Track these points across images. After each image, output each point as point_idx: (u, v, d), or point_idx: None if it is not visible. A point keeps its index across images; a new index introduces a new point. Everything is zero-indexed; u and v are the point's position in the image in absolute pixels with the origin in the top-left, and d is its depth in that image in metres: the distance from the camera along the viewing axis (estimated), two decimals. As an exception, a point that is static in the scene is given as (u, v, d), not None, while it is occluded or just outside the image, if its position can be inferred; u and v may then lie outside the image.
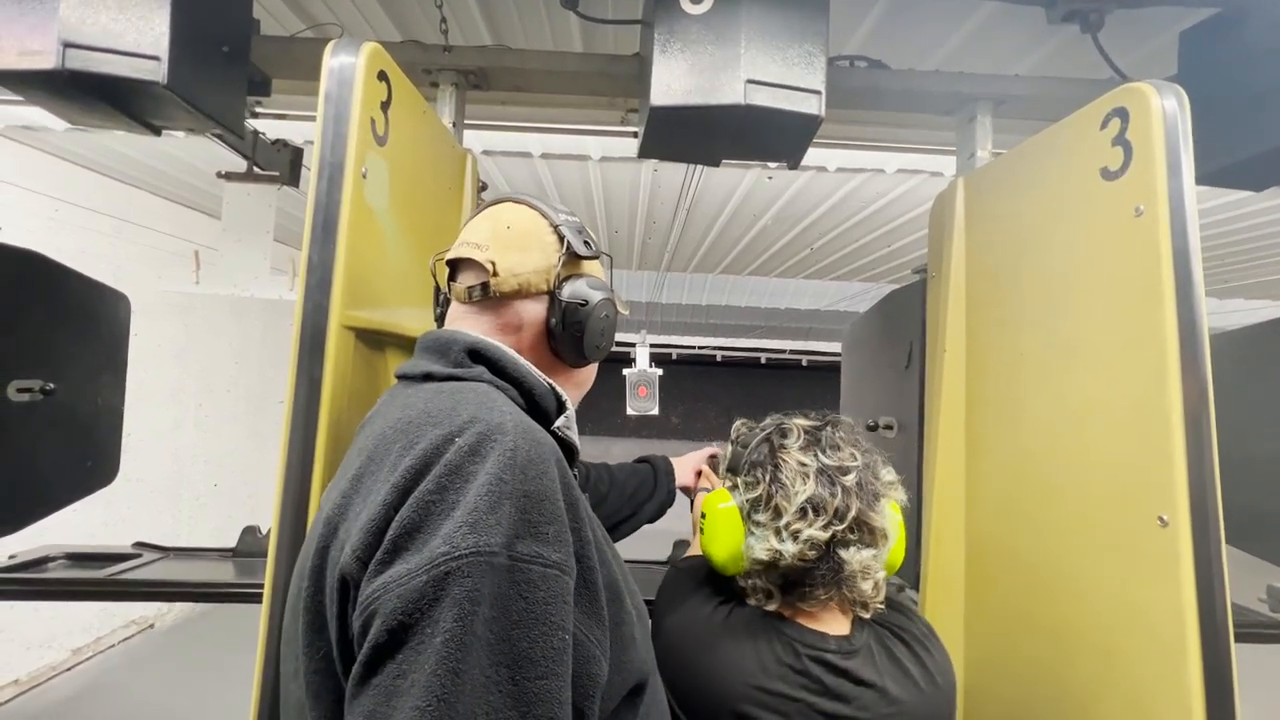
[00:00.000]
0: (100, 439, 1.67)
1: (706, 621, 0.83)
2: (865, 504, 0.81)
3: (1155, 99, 0.90)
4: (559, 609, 0.53)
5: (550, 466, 0.58)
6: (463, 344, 0.70)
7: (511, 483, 0.54)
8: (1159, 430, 0.86)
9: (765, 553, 0.80)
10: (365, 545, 0.53)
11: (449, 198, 1.30)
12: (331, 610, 0.55)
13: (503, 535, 0.52)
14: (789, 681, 0.77)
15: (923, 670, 0.81)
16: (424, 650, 0.48)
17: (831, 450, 0.84)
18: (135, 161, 3.22)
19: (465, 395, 0.63)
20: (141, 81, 1.09)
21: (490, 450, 0.56)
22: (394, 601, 0.49)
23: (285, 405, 0.83)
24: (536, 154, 2.75)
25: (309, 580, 0.58)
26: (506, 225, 0.76)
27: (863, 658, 0.80)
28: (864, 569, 0.80)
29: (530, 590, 0.52)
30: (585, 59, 1.44)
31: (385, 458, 0.59)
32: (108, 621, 3.68)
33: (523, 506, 0.54)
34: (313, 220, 0.85)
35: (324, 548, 0.58)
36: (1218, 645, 0.81)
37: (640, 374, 5.68)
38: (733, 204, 3.32)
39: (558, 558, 0.54)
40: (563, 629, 0.53)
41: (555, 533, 0.55)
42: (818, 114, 1.14)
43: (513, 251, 0.74)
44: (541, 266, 0.75)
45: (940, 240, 1.38)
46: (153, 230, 3.82)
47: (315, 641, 0.57)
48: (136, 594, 1.57)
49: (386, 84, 0.96)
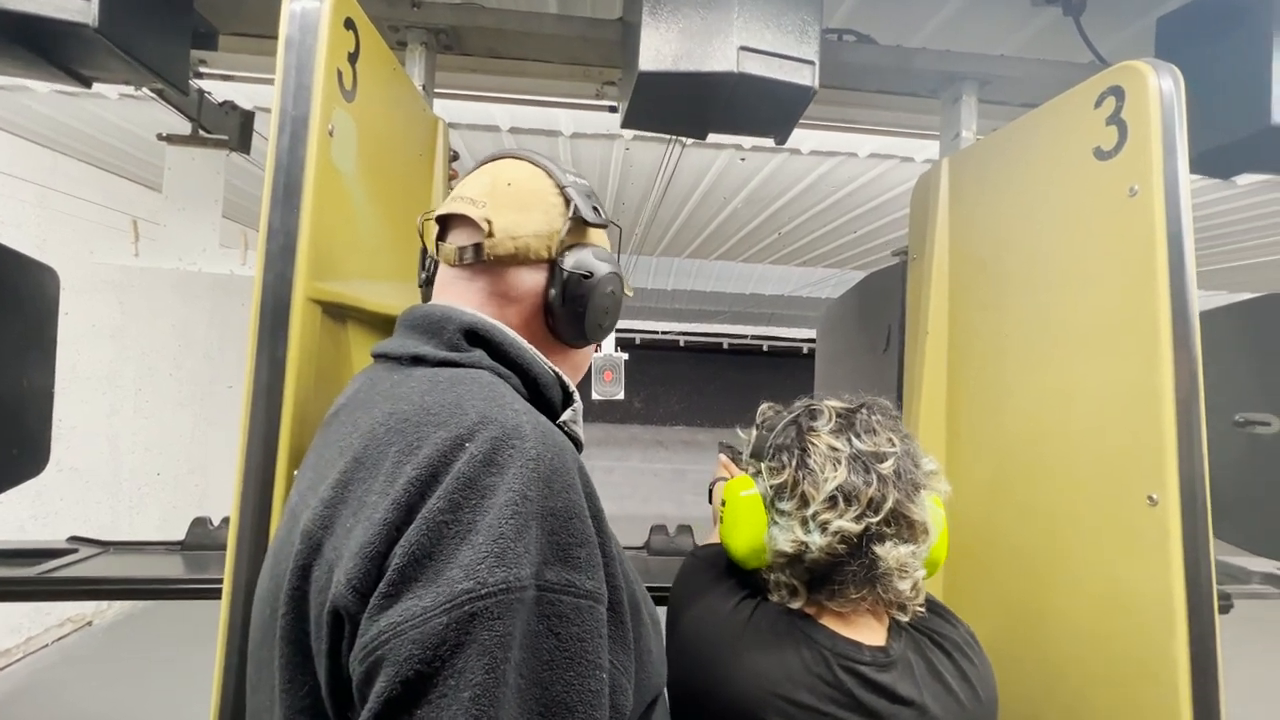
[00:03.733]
0: (27, 424, 1.52)
1: (728, 619, 0.77)
2: (904, 495, 0.73)
3: (1152, 78, 0.89)
4: (594, 645, 0.47)
5: (575, 477, 0.51)
6: (458, 323, 0.62)
7: (537, 500, 0.48)
8: (1150, 410, 0.86)
9: (789, 544, 0.74)
10: (363, 573, 0.45)
11: (419, 165, 1.22)
12: (320, 646, 0.47)
13: (531, 564, 0.45)
14: (817, 693, 0.70)
15: (964, 683, 0.75)
16: (449, 707, 0.42)
17: (867, 435, 0.76)
18: (62, 125, 2.96)
19: (468, 388, 0.55)
20: (68, 23, 0.97)
21: (509, 460, 0.48)
22: (409, 647, 0.42)
23: (244, 386, 0.75)
24: (505, 127, 2.64)
25: (287, 606, 0.50)
26: (507, 182, 0.67)
27: (900, 670, 0.73)
28: (901, 567, 0.73)
29: (563, 625, 0.46)
30: (563, 21, 1.37)
31: (379, 463, 0.51)
32: (40, 620, 3.45)
33: (550, 528, 0.47)
34: (273, 181, 0.76)
35: (304, 568, 0.50)
36: (1203, 622, 0.82)
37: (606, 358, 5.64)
38: (704, 185, 3.27)
39: (591, 586, 0.48)
40: (599, 667, 0.47)
41: (587, 556, 0.49)
42: (811, 85, 1.10)
43: (512, 210, 0.66)
44: (543, 230, 0.67)
45: (923, 222, 1.37)
46: (83, 200, 3.54)
47: (298, 678, 0.49)
48: (73, 592, 1.44)
49: (354, 34, 0.87)
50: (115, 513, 3.87)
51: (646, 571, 1.36)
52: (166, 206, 1.56)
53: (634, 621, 0.55)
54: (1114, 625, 0.90)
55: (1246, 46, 1.25)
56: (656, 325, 9.59)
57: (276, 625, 0.51)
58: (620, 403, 6.78)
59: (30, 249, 1.52)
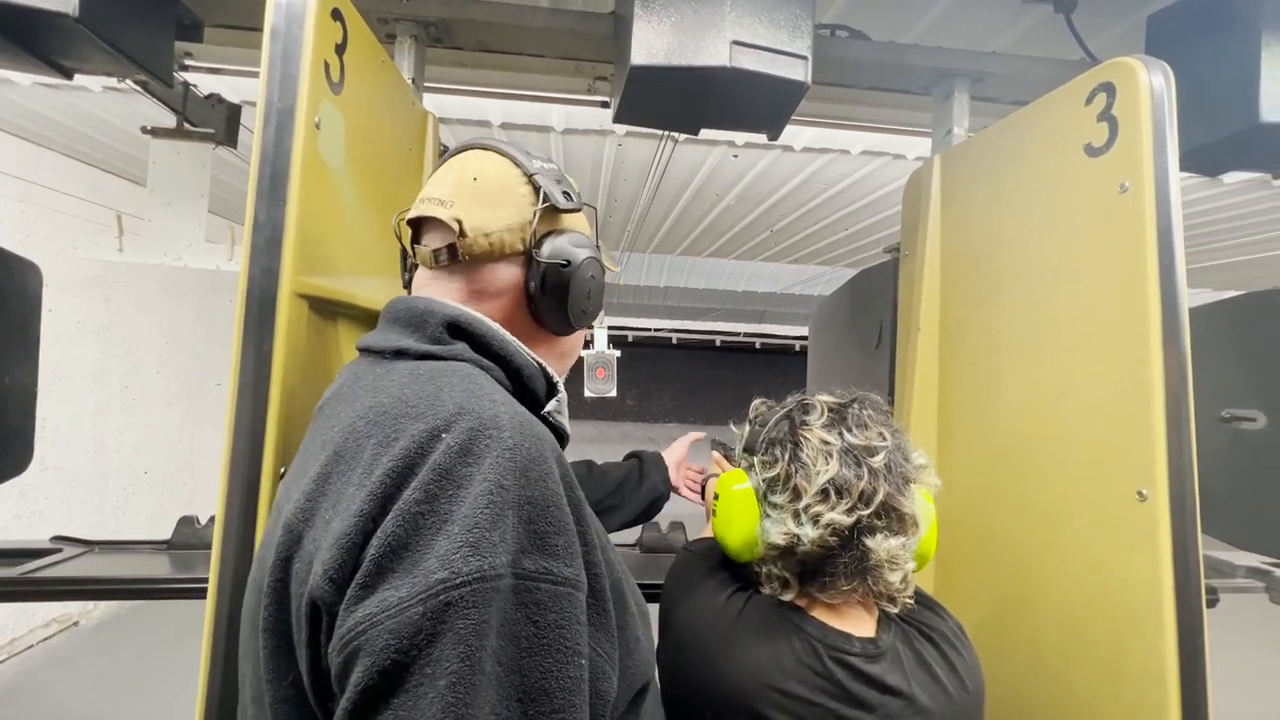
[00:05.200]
0: (9, 422, 1.50)
1: (720, 613, 0.78)
2: (894, 488, 0.74)
3: (1143, 74, 0.90)
4: (573, 632, 0.47)
5: (552, 466, 0.51)
6: (441, 316, 0.61)
7: (513, 489, 0.48)
8: (1140, 405, 0.86)
9: (782, 537, 0.74)
10: (339, 564, 0.46)
11: (408, 160, 1.20)
12: (300, 636, 0.48)
13: (508, 553, 0.45)
14: (808, 684, 0.71)
15: (952, 674, 0.76)
16: (425, 696, 0.42)
17: (858, 429, 0.77)
18: (45, 118, 2.91)
19: (447, 380, 0.55)
20: (48, 12, 0.95)
21: (485, 450, 0.48)
22: (384, 637, 0.42)
23: (230, 382, 0.74)
24: (496, 123, 2.62)
25: (269, 597, 0.50)
26: (473, 176, 0.67)
27: (889, 661, 0.74)
28: (891, 559, 0.74)
29: (540, 613, 0.46)
30: (555, 15, 1.36)
31: (358, 455, 0.51)
32: (24, 621, 3.41)
33: (527, 516, 0.47)
34: (259, 174, 0.75)
35: (286, 559, 0.50)
36: (1192, 616, 0.82)
37: (598, 356, 5.62)
38: (696, 182, 3.27)
39: (569, 573, 0.48)
40: (578, 654, 0.47)
41: (565, 544, 0.49)
42: (804, 80, 1.09)
43: (481, 207, 0.65)
44: (515, 223, 0.66)
45: (914, 218, 1.37)
46: (67, 195, 3.49)
47: (282, 668, 0.49)
48: (57, 593, 1.42)
49: (341, 25, 0.86)
50: (102, 512, 3.82)
51: (638, 568, 1.36)
52: (151, 201, 1.53)
53: (618, 609, 0.55)
54: (1102, 619, 0.90)
55: (1236, 44, 1.26)
56: (649, 322, 9.60)
57: (260, 616, 0.51)
58: (612, 400, 6.76)
59: (13, 244, 1.50)
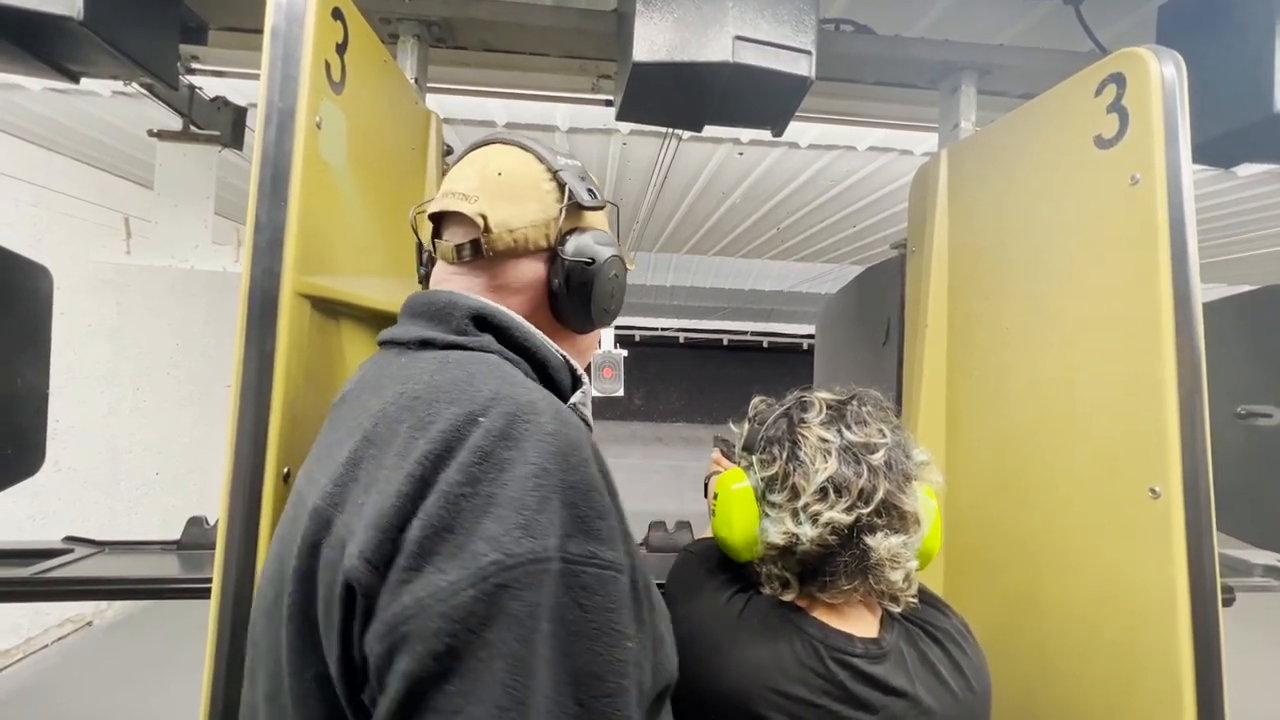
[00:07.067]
0: (22, 424, 1.51)
1: (721, 613, 0.77)
2: (894, 485, 0.73)
3: (1154, 64, 0.88)
4: (620, 615, 0.47)
5: (589, 452, 0.51)
6: (465, 309, 0.61)
7: (556, 473, 0.47)
8: (1153, 401, 0.85)
9: (781, 536, 0.73)
10: (375, 544, 0.45)
11: (411, 160, 1.20)
12: (330, 621, 0.47)
13: (555, 536, 0.45)
14: (810, 685, 0.70)
15: (957, 674, 0.74)
16: (482, 678, 0.41)
17: (857, 426, 0.76)
18: (55, 123, 2.94)
19: (479, 367, 0.55)
20: (54, 17, 0.96)
21: (525, 434, 0.48)
22: (436, 621, 0.42)
23: (233, 382, 0.74)
24: (501, 122, 2.62)
25: (295, 585, 0.49)
26: (497, 172, 0.66)
27: (892, 662, 0.72)
28: (893, 557, 0.73)
29: (587, 596, 0.46)
30: (558, 13, 1.35)
31: (391, 440, 0.50)
32: (39, 621, 3.45)
33: (571, 500, 0.47)
34: (260, 174, 0.75)
35: (314, 545, 0.49)
36: (1207, 616, 0.81)
37: (605, 355, 5.62)
38: (702, 180, 3.26)
39: (612, 556, 0.48)
40: (626, 637, 0.47)
41: (607, 529, 0.49)
42: (808, 75, 1.08)
43: (506, 202, 0.65)
44: (540, 219, 0.66)
45: (922, 214, 1.36)
46: (77, 199, 3.53)
47: (307, 659, 0.48)
48: (68, 592, 1.44)
49: (342, 24, 0.86)
50: (114, 513, 3.86)
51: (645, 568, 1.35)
52: (158, 203, 1.54)
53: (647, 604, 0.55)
54: (1114, 620, 0.89)
55: (1249, 34, 1.24)
56: (656, 322, 9.59)
57: (283, 606, 0.50)
58: (620, 400, 6.76)
59: (25, 248, 1.51)
